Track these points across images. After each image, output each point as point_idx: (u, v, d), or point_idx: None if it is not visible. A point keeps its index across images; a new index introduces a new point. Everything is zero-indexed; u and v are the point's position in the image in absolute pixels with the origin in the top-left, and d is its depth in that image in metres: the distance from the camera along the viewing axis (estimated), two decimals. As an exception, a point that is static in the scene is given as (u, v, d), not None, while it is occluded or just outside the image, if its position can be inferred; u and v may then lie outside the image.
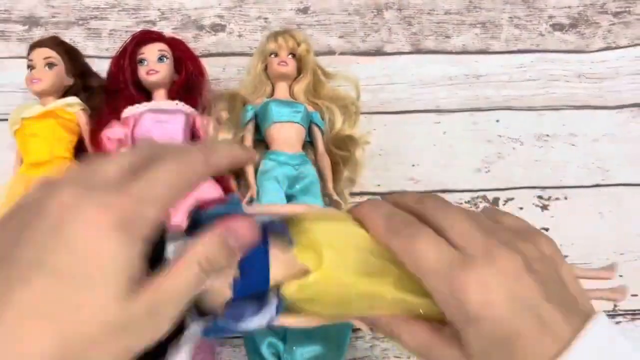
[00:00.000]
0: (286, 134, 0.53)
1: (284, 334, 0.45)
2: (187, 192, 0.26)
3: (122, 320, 0.23)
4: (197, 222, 0.28)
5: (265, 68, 0.57)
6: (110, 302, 0.22)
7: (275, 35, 0.57)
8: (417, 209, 0.30)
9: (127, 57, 0.54)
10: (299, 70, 0.57)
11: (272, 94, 0.57)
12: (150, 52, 0.54)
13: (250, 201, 0.51)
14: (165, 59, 0.55)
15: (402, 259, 0.28)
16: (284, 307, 0.31)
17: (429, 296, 0.28)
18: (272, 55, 0.56)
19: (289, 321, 0.32)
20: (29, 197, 0.24)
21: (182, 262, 0.25)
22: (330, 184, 0.53)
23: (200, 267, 0.25)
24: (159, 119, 0.53)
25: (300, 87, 0.56)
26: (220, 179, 0.52)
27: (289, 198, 0.51)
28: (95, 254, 0.22)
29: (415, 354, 0.30)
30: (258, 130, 0.55)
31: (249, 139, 0.54)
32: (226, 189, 0.52)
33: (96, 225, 0.23)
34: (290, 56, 0.56)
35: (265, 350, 0.44)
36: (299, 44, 0.56)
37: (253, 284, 0.30)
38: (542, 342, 0.25)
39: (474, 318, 0.26)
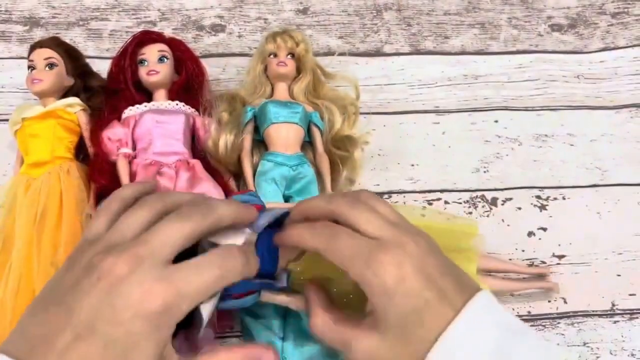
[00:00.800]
0: (284, 135, 0.53)
1: (283, 334, 0.45)
2: (217, 290, 0.31)
3: None
4: None
5: (265, 69, 0.57)
6: None
7: (273, 36, 0.57)
8: (329, 214, 0.35)
9: (128, 58, 0.55)
10: (299, 70, 0.57)
11: (271, 94, 0.57)
12: (151, 52, 0.54)
13: None
14: (165, 59, 0.55)
15: (330, 257, 0.33)
16: (290, 283, 0.39)
17: None
18: (271, 56, 0.56)
19: (284, 299, 0.40)
20: (84, 249, 0.30)
21: None
22: (328, 185, 0.53)
23: None
24: (159, 120, 0.53)
25: (299, 87, 0.57)
26: (220, 180, 0.53)
27: (287, 199, 0.52)
28: (134, 332, 0.27)
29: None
30: (258, 131, 0.55)
31: (248, 140, 0.54)
32: (226, 189, 0.52)
33: (141, 307, 0.28)
34: (289, 56, 0.56)
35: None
36: (297, 44, 0.56)
37: (265, 264, 0.37)
38: (442, 310, 0.30)
39: (391, 292, 0.31)
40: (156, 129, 0.52)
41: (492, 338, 0.30)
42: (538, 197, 0.58)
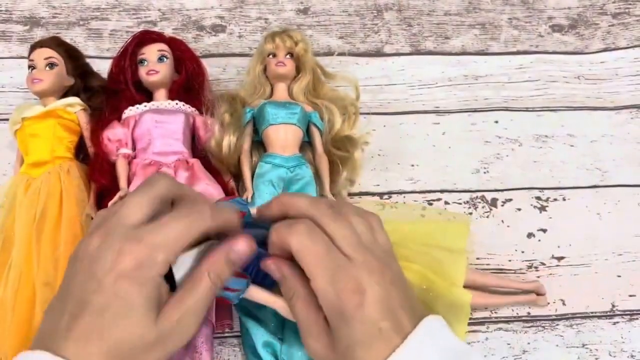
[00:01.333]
0: (282, 136, 0.53)
1: (282, 334, 0.45)
2: (193, 240, 0.32)
3: (154, 337, 0.30)
4: None
5: (265, 69, 0.57)
6: (141, 328, 0.30)
7: (272, 36, 0.56)
8: (309, 217, 0.35)
9: (128, 58, 0.55)
10: (298, 70, 0.57)
11: (271, 94, 0.57)
12: (151, 52, 0.54)
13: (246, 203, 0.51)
14: (165, 58, 0.54)
15: (299, 258, 0.33)
16: None
17: None
18: (270, 56, 0.56)
19: (269, 299, 0.39)
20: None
21: (196, 278, 0.32)
22: (327, 185, 0.53)
23: (211, 281, 0.32)
24: (158, 120, 0.52)
25: (299, 87, 0.56)
26: (220, 180, 0.53)
27: None
28: (121, 293, 0.29)
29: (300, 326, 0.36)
30: (257, 132, 0.55)
31: (247, 142, 0.54)
32: (225, 188, 0.52)
33: (118, 268, 0.29)
34: (288, 56, 0.56)
35: (261, 349, 0.44)
36: (296, 44, 0.56)
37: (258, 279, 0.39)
38: (393, 338, 0.31)
39: (348, 317, 0.31)
40: (155, 129, 0.52)
41: None
42: (538, 198, 0.58)
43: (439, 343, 0.32)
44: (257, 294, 0.40)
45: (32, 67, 0.53)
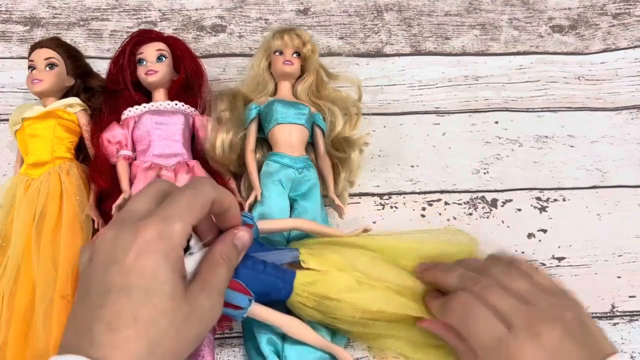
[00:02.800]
0: (290, 136, 0.52)
1: (284, 334, 0.45)
2: (202, 212, 0.32)
3: (188, 311, 0.29)
4: None
5: (269, 65, 0.57)
6: (174, 302, 0.29)
7: (281, 33, 0.56)
8: (462, 289, 0.38)
9: (126, 58, 0.54)
10: (302, 70, 0.57)
11: (274, 92, 0.57)
12: (149, 52, 0.54)
13: (254, 203, 0.51)
14: (164, 57, 0.54)
15: (462, 332, 0.36)
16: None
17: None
18: (277, 53, 0.56)
19: (274, 317, 0.42)
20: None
21: (212, 262, 0.33)
22: (331, 186, 0.53)
23: (225, 263, 0.33)
24: (158, 121, 0.52)
25: (303, 87, 0.56)
26: (220, 181, 0.52)
27: (292, 201, 0.51)
28: (145, 269, 0.28)
29: None
30: (260, 129, 0.55)
31: (252, 140, 0.54)
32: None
33: (137, 245, 0.29)
34: (295, 55, 0.56)
35: (264, 346, 0.44)
36: (304, 44, 0.56)
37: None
38: None
39: None
40: (155, 131, 0.52)
41: None
42: (538, 198, 0.58)
43: None
44: (261, 312, 0.41)
45: (32, 67, 0.53)
